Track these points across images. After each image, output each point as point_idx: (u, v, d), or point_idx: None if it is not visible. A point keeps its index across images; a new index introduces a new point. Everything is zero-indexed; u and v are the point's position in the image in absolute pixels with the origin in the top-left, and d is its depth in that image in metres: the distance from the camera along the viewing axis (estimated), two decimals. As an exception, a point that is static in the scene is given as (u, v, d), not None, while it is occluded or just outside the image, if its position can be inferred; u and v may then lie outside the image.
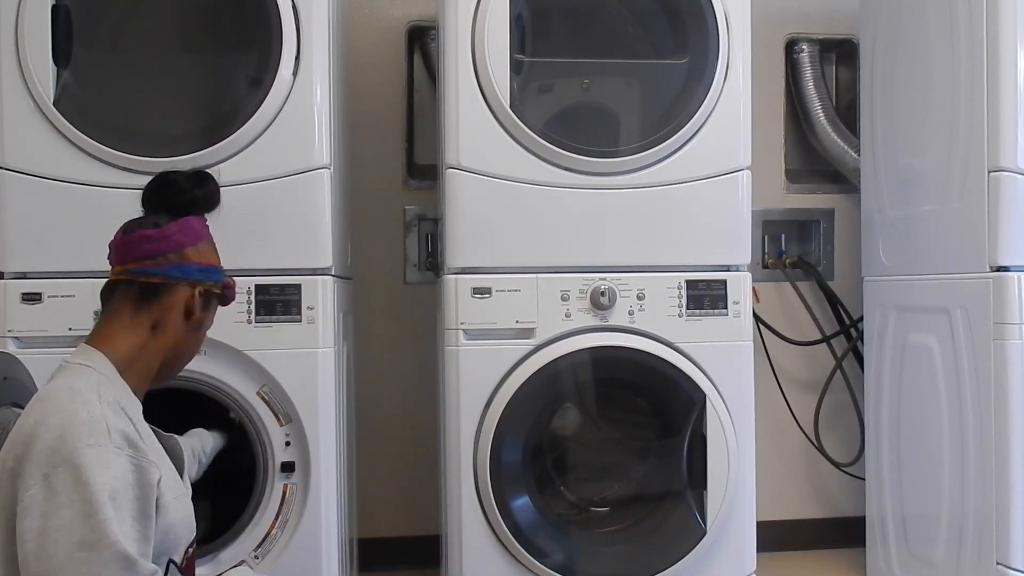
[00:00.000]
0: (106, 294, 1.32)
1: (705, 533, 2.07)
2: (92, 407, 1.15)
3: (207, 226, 1.37)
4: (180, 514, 1.24)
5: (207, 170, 1.40)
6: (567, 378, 2.04)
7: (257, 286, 1.92)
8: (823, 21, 2.88)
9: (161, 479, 1.18)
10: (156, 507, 1.16)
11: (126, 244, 1.30)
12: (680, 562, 2.07)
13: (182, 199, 1.33)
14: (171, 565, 1.23)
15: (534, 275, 2.05)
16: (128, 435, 1.15)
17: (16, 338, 1.88)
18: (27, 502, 1.07)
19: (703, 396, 2.06)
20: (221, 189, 1.39)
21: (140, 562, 1.09)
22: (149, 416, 1.30)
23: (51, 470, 1.08)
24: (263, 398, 1.92)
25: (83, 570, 1.05)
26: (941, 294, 2.19)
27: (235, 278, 1.44)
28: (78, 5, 1.90)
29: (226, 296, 1.42)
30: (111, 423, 1.14)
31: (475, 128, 2.03)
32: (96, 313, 1.82)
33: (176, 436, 1.45)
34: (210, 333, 1.44)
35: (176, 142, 1.89)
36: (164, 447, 1.34)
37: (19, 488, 1.09)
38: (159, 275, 1.29)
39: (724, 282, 2.10)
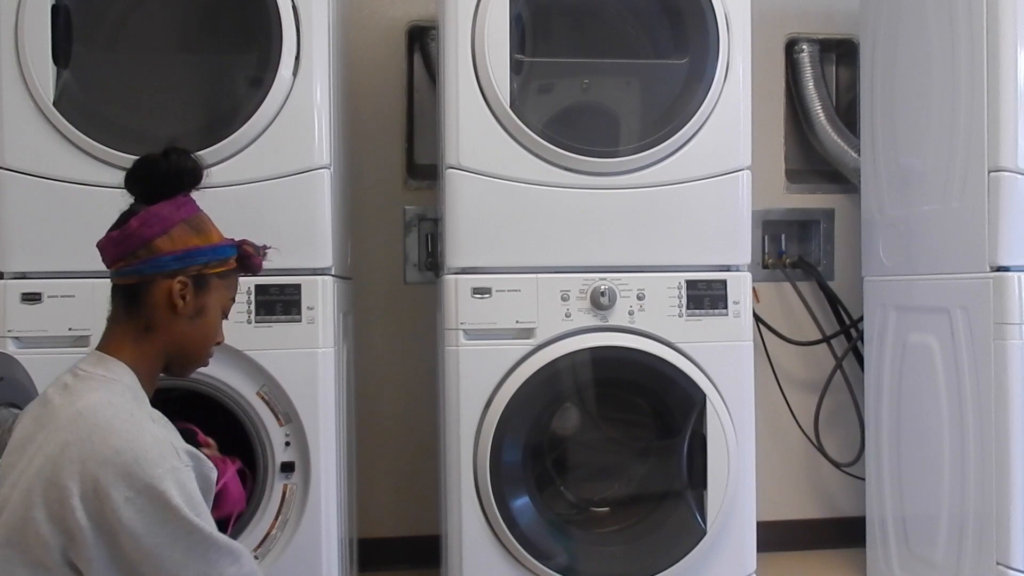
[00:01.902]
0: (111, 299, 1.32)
1: (705, 533, 2.07)
2: (150, 428, 1.17)
3: (185, 205, 1.31)
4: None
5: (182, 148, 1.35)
6: (567, 378, 2.04)
7: (257, 286, 1.92)
8: (823, 21, 2.88)
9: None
10: None
11: (102, 249, 1.30)
12: (680, 562, 2.07)
13: (155, 175, 1.30)
14: None
15: (534, 275, 2.05)
16: (188, 449, 1.20)
17: (16, 338, 1.88)
18: (117, 523, 1.11)
19: (703, 396, 2.06)
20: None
21: (242, 551, 1.19)
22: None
23: (133, 495, 1.11)
24: (263, 398, 1.92)
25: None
26: (941, 294, 2.18)
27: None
28: (78, 5, 1.91)
29: (248, 266, 1.37)
30: (174, 441, 1.19)
31: (475, 128, 2.03)
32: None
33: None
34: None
35: (176, 142, 1.87)
36: None
37: (100, 511, 1.11)
38: (133, 275, 1.27)
39: (724, 282, 2.10)
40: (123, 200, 1.93)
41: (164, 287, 1.27)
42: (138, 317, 1.28)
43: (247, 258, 1.36)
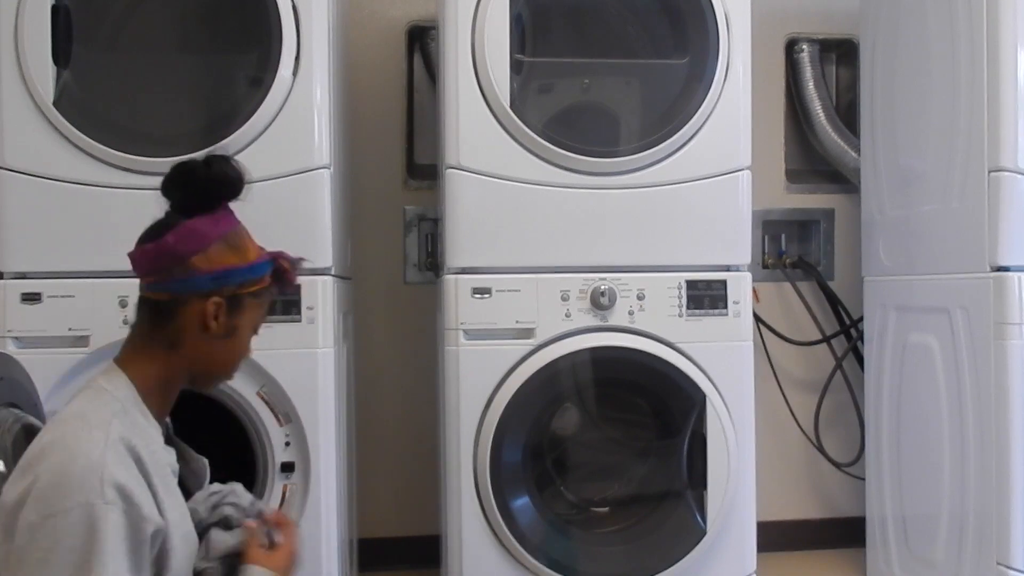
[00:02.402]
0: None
1: (705, 533, 2.07)
2: (94, 450, 1.07)
3: (224, 220, 1.24)
4: (183, 553, 1.18)
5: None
6: (567, 378, 2.04)
7: (257, 286, 1.92)
8: (823, 21, 2.88)
9: (162, 530, 1.12)
10: (161, 555, 1.13)
11: (134, 261, 1.23)
12: (680, 562, 2.07)
13: (194, 184, 1.22)
14: None
15: (534, 275, 2.05)
16: (123, 487, 1.07)
17: (16, 338, 1.88)
18: (12, 544, 1.04)
19: (703, 396, 2.06)
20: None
21: None
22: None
23: (37, 520, 1.03)
24: (263, 398, 1.92)
25: None
26: (941, 294, 2.18)
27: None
28: (78, 5, 1.90)
29: (283, 281, 1.29)
30: (107, 474, 1.06)
31: (475, 128, 2.03)
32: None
33: (204, 459, 1.36)
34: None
35: (176, 142, 1.89)
36: (191, 467, 1.30)
37: (10, 526, 1.05)
38: (165, 291, 1.21)
39: (724, 282, 2.10)
40: (124, 200, 1.93)
41: (197, 307, 1.20)
42: (163, 333, 1.21)
43: (282, 273, 1.29)
